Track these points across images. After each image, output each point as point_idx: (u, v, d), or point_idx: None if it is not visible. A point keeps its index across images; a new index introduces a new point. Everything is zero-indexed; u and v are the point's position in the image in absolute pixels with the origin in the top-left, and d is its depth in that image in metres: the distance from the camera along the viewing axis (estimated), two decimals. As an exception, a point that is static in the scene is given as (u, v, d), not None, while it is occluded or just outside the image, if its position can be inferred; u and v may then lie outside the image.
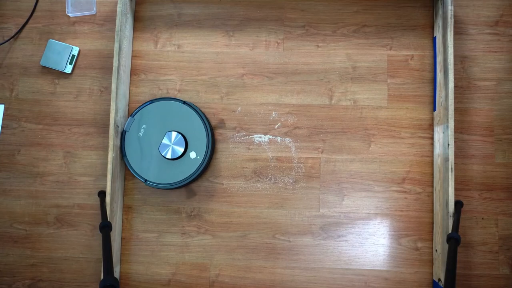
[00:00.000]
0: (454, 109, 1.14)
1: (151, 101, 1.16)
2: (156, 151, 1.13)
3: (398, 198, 1.17)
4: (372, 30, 1.22)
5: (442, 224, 1.08)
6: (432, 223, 1.16)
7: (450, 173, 1.05)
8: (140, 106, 1.16)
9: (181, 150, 1.12)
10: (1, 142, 1.23)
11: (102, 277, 0.96)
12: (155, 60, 1.24)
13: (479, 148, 1.17)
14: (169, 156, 1.12)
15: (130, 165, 1.14)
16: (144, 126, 1.14)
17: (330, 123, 1.20)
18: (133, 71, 1.23)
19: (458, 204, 1.07)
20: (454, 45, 1.15)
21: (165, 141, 1.13)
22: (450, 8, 1.09)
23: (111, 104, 1.11)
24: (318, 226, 1.17)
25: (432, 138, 1.18)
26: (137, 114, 1.15)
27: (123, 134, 1.15)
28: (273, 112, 1.21)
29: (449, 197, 1.04)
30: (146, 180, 1.13)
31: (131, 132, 1.15)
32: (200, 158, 1.12)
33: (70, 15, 1.25)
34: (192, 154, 1.11)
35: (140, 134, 1.14)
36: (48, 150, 1.22)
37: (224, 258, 1.17)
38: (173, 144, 1.12)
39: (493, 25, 1.20)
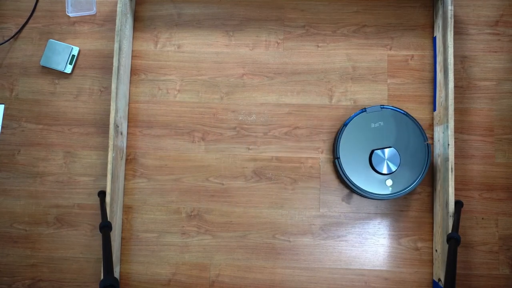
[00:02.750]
0: (454, 109, 1.14)
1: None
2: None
3: (398, 198, 1.17)
4: (372, 30, 1.22)
5: (442, 224, 1.08)
6: (432, 223, 1.16)
7: (450, 173, 1.05)
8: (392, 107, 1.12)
9: (394, 168, 1.08)
10: (1, 142, 1.23)
11: (102, 277, 0.96)
12: (155, 60, 1.24)
13: (479, 148, 1.17)
14: (384, 170, 1.08)
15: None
16: (381, 123, 1.10)
17: (330, 123, 1.20)
18: (133, 71, 1.23)
19: (458, 204, 1.07)
20: (454, 45, 1.15)
21: (379, 153, 1.09)
22: (450, 8, 1.09)
23: (111, 104, 1.11)
24: (318, 226, 1.17)
25: (432, 138, 1.18)
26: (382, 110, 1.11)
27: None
28: (273, 112, 1.21)
29: (449, 197, 1.04)
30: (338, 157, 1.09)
31: (361, 122, 1.10)
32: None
33: (70, 15, 1.25)
34: (388, 182, 1.08)
35: (373, 125, 1.09)
36: (48, 150, 1.22)
37: (224, 258, 1.17)
38: (387, 160, 1.09)
39: (493, 25, 1.20)
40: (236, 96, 1.22)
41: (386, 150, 1.09)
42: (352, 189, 1.12)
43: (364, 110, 1.12)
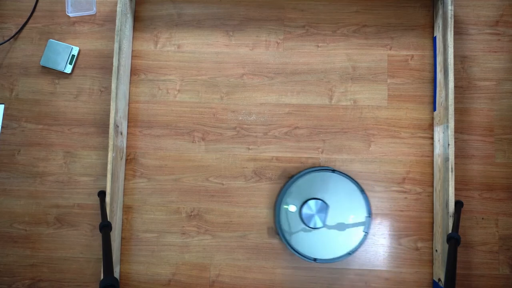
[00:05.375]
0: (454, 109, 1.14)
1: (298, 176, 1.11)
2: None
3: (398, 198, 1.17)
4: (372, 30, 1.22)
5: (442, 224, 1.08)
6: (432, 223, 1.16)
7: (450, 173, 1.05)
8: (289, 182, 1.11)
9: (323, 218, 1.08)
10: (1, 142, 1.23)
11: (102, 277, 0.96)
12: (155, 60, 1.24)
13: (479, 148, 1.17)
14: (310, 224, 1.08)
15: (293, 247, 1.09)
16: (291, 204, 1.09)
17: (330, 123, 1.20)
18: (133, 71, 1.23)
19: (458, 204, 1.07)
20: (454, 45, 1.15)
21: (307, 208, 1.08)
22: (450, 8, 1.09)
23: (111, 104, 1.11)
24: (318, 226, 1.17)
25: (432, 138, 1.18)
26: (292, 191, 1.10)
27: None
28: (273, 112, 1.21)
29: (449, 197, 1.04)
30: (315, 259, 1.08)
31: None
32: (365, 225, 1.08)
33: (70, 15, 1.25)
34: (292, 208, 1.08)
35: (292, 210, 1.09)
36: (48, 150, 1.22)
37: (224, 258, 1.17)
38: (316, 213, 1.08)
39: (493, 25, 1.20)
40: (236, 96, 1.22)
41: (315, 203, 1.08)
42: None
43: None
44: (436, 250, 1.12)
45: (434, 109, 1.18)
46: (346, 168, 1.18)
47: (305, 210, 1.08)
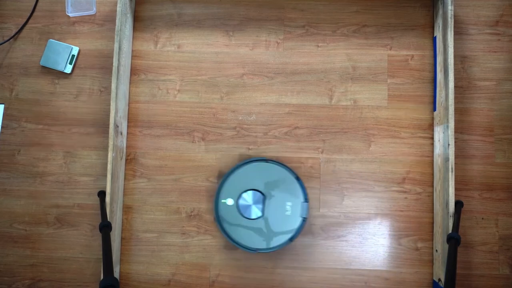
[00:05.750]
0: (454, 109, 1.14)
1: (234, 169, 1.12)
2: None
3: (398, 198, 1.17)
4: (372, 30, 1.22)
5: (442, 224, 1.08)
6: (432, 223, 1.16)
7: (450, 173, 1.05)
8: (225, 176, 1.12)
9: (260, 208, 1.09)
10: (1, 142, 1.23)
11: (102, 277, 0.96)
12: (155, 60, 1.24)
13: (479, 148, 1.17)
14: (248, 215, 1.09)
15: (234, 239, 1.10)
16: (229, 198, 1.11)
17: (330, 123, 1.20)
18: (133, 71, 1.23)
19: (458, 204, 1.07)
20: (454, 45, 1.15)
21: (244, 200, 1.09)
22: (450, 8, 1.09)
23: (111, 104, 1.11)
24: (318, 226, 1.17)
25: (432, 138, 1.18)
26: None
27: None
28: (273, 112, 1.21)
29: (449, 197, 1.04)
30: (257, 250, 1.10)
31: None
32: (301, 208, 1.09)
33: (70, 15, 1.25)
34: (229, 201, 1.09)
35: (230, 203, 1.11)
36: (48, 150, 1.22)
37: (224, 258, 1.17)
38: (253, 204, 1.10)
39: (493, 25, 1.20)
40: (236, 96, 1.22)
41: (252, 193, 1.09)
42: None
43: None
44: (436, 250, 1.12)
45: (434, 109, 1.18)
46: (346, 168, 1.18)
47: (241, 202, 1.09)
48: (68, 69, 1.23)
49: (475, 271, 1.14)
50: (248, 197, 1.10)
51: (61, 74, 1.24)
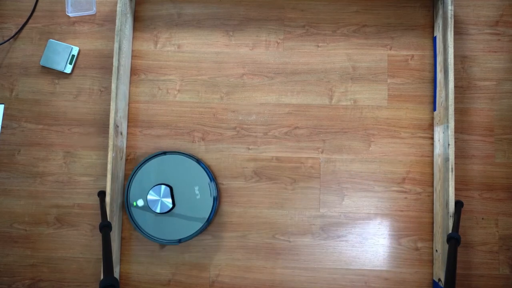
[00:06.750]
0: (454, 109, 1.14)
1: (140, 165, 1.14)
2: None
3: (398, 198, 1.17)
4: (372, 30, 1.22)
5: (442, 224, 1.08)
6: (432, 223, 1.16)
7: (450, 173, 1.05)
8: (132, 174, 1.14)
9: (170, 201, 1.11)
10: (1, 142, 1.23)
11: (102, 277, 0.96)
12: (155, 60, 1.24)
13: (479, 148, 1.17)
14: (159, 210, 1.11)
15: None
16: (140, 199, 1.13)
17: (330, 123, 1.20)
18: (133, 71, 1.23)
19: (458, 204, 1.07)
20: (454, 45, 1.15)
21: (151, 197, 1.11)
22: (450, 8, 1.09)
23: (111, 104, 1.11)
24: (318, 226, 1.17)
25: (432, 138, 1.18)
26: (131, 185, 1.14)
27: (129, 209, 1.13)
28: (273, 112, 1.21)
29: (449, 197, 1.04)
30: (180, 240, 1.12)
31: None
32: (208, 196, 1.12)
33: (70, 15, 1.25)
34: (140, 202, 1.11)
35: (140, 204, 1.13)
36: (48, 150, 1.22)
37: (224, 258, 1.17)
38: (162, 198, 1.11)
39: (493, 25, 1.20)
40: (236, 96, 1.22)
41: (161, 188, 1.11)
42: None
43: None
44: (436, 250, 1.12)
45: (434, 109, 1.18)
46: (346, 168, 1.18)
47: (150, 200, 1.11)
48: (68, 69, 1.23)
49: (475, 271, 1.14)
50: (155, 193, 1.11)
51: (61, 74, 1.24)
